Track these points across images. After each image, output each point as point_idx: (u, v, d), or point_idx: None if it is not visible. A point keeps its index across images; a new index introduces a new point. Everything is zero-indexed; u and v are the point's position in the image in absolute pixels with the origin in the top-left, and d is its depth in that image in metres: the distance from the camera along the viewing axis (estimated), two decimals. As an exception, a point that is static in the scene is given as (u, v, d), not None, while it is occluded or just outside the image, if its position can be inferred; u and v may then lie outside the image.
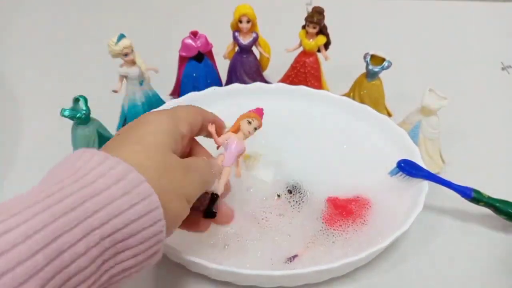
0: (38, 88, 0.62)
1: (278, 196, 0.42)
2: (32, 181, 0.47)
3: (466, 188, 0.41)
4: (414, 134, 0.47)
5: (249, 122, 0.36)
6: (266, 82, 0.57)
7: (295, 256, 0.37)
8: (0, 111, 0.59)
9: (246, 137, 0.36)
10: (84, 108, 0.44)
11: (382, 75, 0.52)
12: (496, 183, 0.49)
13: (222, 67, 0.58)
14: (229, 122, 0.38)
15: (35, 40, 0.73)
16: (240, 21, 0.51)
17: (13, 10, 0.81)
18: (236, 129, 0.36)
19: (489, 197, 0.41)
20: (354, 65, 0.54)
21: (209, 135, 0.36)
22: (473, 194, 0.40)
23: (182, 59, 0.55)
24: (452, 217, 0.45)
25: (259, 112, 0.37)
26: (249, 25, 0.52)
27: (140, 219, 0.24)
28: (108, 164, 0.24)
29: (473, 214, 0.45)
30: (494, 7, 0.82)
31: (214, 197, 0.34)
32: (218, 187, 0.34)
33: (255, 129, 0.36)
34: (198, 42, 0.53)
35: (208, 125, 0.35)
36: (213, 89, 0.50)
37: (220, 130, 0.37)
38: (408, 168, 0.41)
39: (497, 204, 0.41)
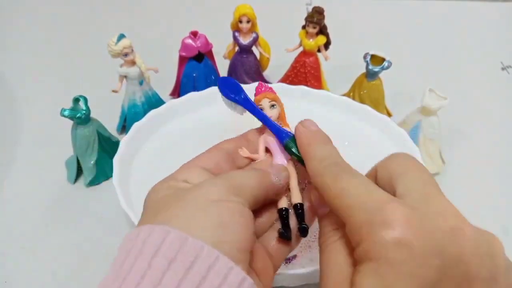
0: (38, 88, 0.62)
1: None
2: (32, 181, 0.47)
3: (284, 132, 0.29)
4: (414, 134, 0.47)
5: (273, 106, 0.30)
6: (266, 82, 0.57)
7: (294, 257, 0.37)
8: (0, 111, 0.59)
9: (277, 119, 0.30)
10: (84, 108, 0.44)
11: (382, 75, 0.52)
12: (496, 183, 0.49)
13: (222, 67, 0.58)
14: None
15: (35, 40, 0.73)
16: (240, 21, 0.51)
17: (13, 10, 0.81)
18: (262, 129, 0.31)
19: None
20: (354, 65, 0.54)
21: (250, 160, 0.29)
22: (285, 142, 0.28)
23: (182, 59, 0.55)
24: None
25: (263, 90, 0.31)
26: (249, 25, 0.52)
27: None
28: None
29: (473, 215, 0.45)
30: (494, 7, 0.82)
31: (297, 211, 0.27)
32: (294, 195, 0.28)
33: (273, 106, 0.30)
34: (198, 42, 0.53)
35: (240, 152, 0.29)
36: (213, 89, 0.50)
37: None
38: (225, 88, 0.31)
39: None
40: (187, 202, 0.22)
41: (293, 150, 0.28)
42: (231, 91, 0.31)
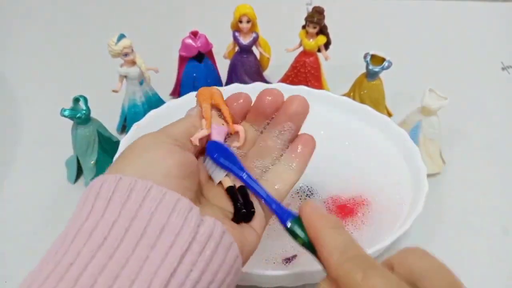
0: (38, 88, 0.62)
1: None
2: (32, 181, 0.47)
3: (288, 212, 0.26)
4: (414, 134, 0.47)
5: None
6: (266, 82, 0.57)
7: (294, 256, 0.37)
8: (0, 111, 0.59)
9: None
10: (84, 108, 0.44)
11: (382, 75, 0.52)
12: (496, 182, 0.49)
13: (222, 67, 0.58)
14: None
15: (35, 40, 0.73)
16: (240, 21, 0.51)
17: (13, 10, 0.81)
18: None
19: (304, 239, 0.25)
20: (354, 65, 0.54)
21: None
22: (288, 224, 0.25)
23: (182, 59, 0.55)
24: (452, 217, 0.45)
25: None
26: (249, 25, 0.52)
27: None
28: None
29: (473, 215, 0.45)
30: (494, 7, 0.82)
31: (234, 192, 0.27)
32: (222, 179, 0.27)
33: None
34: (198, 42, 0.53)
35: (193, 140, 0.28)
36: (213, 89, 0.50)
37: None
38: (217, 153, 0.28)
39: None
40: (126, 152, 0.25)
41: (299, 233, 0.25)
42: (223, 156, 0.28)
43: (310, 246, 0.24)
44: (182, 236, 0.21)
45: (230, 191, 0.27)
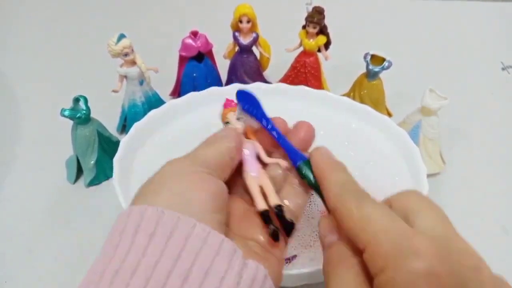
0: (38, 88, 0.62)
1: None
2: (32, 181, 0.47)
3: (299, 154, 0.29)
4: (414, 134, 0.47)
5: (238, 119, 0.31)
6: (266, 82, 0.57)
7: (294, 257, 0.37)
8: (0, 111, 0.59)
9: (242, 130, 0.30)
10: (84, 108, 0.44)
11: (382, 75, 0.52)
12: (496, 183, 0.49)
13: (222, 67, 0.58)
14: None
15: (35, 40, 0.73)
16: (240, 21, 0.51)
17: (13, 10, 0.81)
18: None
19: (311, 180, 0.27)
20: (354, 65, 0.54)
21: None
22: (298, 164, 0.28)
23: (182, 59, 0.55)
24: (452, 217, 0.45)
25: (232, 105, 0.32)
26: (249, 25, 0.52)
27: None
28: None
29: (473, 215, 0.45)
30: (494, 7, 0.82)
31: (277, 213, 0.26)
32: (271, 198, 0.26)
33: (238, 119, 0.31)
34: (198, 42, 0.53)
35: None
36: (213, 89, 0.50)
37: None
38: (244, 101, 0.30)
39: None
40: (154, 181, 0.24)
41: (306, 173, 0.27)
42: (249, 104, 0.29)
43: (315, 185, 0.27)
44: (227, 281, 0.20)
45: (271, 209, 0.26)
